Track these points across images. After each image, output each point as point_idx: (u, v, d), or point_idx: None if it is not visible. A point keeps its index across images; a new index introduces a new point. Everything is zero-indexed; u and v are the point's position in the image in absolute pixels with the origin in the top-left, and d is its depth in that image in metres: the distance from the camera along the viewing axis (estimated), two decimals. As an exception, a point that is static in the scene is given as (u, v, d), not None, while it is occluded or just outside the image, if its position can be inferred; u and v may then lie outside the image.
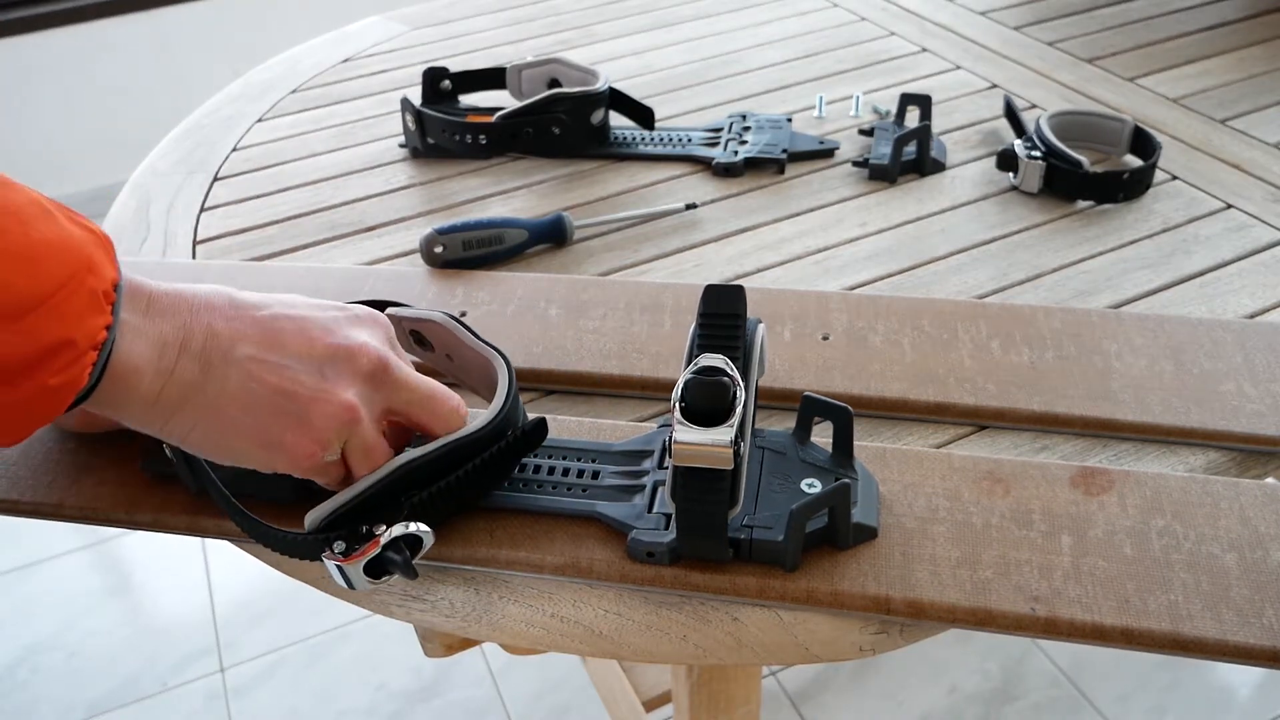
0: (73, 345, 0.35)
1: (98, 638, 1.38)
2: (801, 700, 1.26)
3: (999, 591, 0.42)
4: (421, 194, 0.76)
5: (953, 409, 0.53)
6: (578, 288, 0.62)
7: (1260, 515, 0.45)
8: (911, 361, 0.55)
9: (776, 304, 0.60)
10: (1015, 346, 0.56)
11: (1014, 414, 0.52)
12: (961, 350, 0.56)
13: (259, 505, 0.45)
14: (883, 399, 0.53)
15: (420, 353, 0.52)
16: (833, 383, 0.54)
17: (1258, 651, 0.39)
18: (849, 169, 0.76)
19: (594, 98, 0.77)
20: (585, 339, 0.57)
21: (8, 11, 2.01)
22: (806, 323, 0.58)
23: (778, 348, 0.56)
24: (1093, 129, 0.76)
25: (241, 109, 0.90)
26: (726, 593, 0.43)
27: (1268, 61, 0.91)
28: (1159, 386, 0.53)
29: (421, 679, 1.31)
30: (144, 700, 1.30)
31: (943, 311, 0.59)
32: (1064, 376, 0.54)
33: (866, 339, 0.57)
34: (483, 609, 0.45)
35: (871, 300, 0.60)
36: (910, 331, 0.57)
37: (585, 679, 1.29)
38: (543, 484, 0.48)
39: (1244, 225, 0.69)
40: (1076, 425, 0.52)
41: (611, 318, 0.59)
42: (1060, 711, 1.25)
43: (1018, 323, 0.58)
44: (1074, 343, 0.56)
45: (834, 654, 0.44)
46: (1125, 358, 0.55)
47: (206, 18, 2.16)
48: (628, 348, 0.57)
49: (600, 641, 0.44)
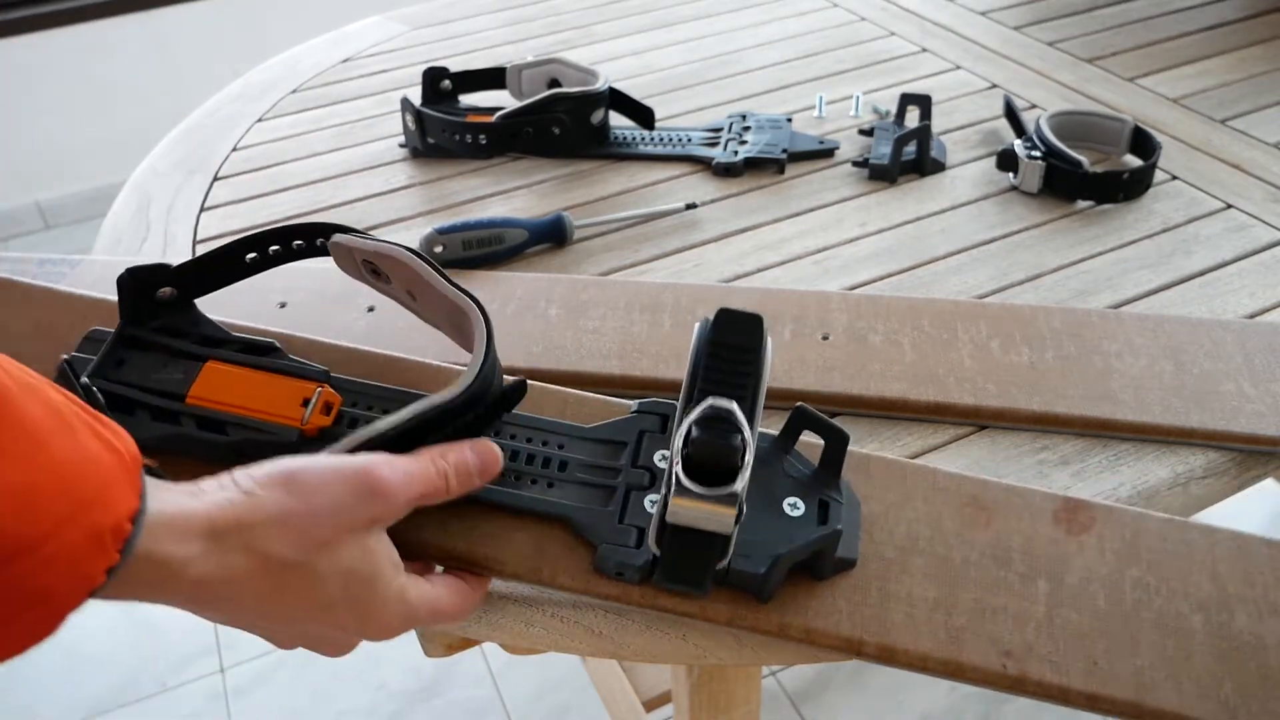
0: (49, 600, 0.31)
1: (98, 638, 1.38)
2: (801, 700, 1.26)
3: (972, 643, 0.41)
4: (421, 194, 0.76)
5: (953, 409, 0.53)
6: (577, 287, 0.62)
7: (1230, 572, 0.44)
8: (911, 361, 0.55)
9: (777, 303, 0.60)
10: (1015, 346, 0.56)
11: (1014, 414, 0.52)
12: (961, 350, 0.56)
13: None
14: (883, 399, 0.53)
15: (374, 282, 0.49)
16: (832, 382, 0.54)
17: None
18: (849, 169, 0.77)
19: (594, 98, 0.77)
20: (585, 339, 0.57)
21: (8, 11, 2.01)
22: (806, 322, 0.58)
23: (778, 348, 0.56)
24: (1093, 129, 0.76)
25: (241, 109, 0.90)
26: (695, 618, 0.42)
27: (1268, 61, 0.91)
28: (1159, 386, 0.53)
29: (421, 679, 1.31)
30: (144, 700, 1.30)
31: (943, 311, 0.59)
32: (1064, 376, 0.54)
33: (867, 339, 0.57)
34: (483, 609, 0.45)
35: (872, 300, 0.60)
36: (910, 331, 0.57)
37: (585, 679, 1.29)
38: (506, 471, 0.44)
39: (1244, 225, 0.69)
40: (1076, 425, 0.52)
41: (611, 318, 0.59)
42: (1060, 711, 1.25)
43: (1018, 323, 0.58)
44: (1074, 343, 0.56)
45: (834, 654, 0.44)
46: (1125, 358, 0.55)
47: (206, 18, 2.16)
48: (628, 348, 0.57)
49: (600, 641, 0.44)
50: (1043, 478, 0.50)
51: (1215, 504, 0.51)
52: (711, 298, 0.60)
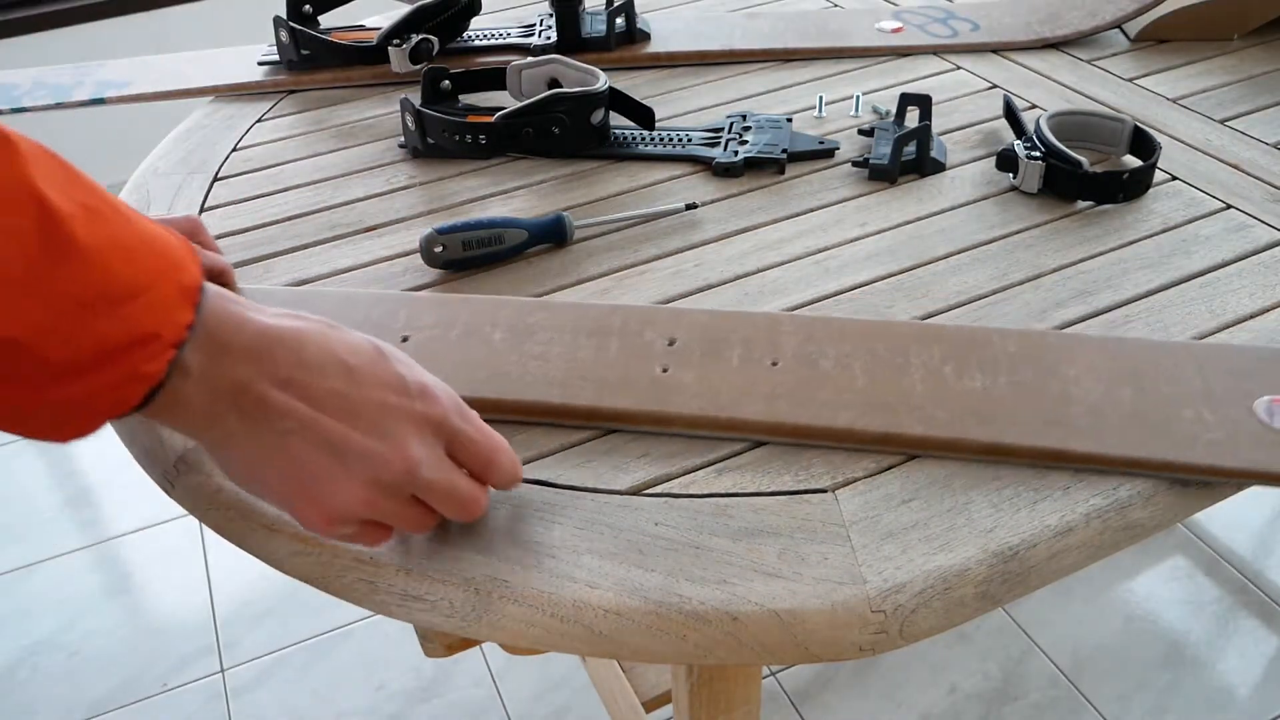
0: (158, 338, 0.36)
1: (98, 638, 1.38)
2: (801, 700, 1.26)
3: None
4: (421, 194, 0.76)
5: (900, 439, 0.51)
6: (525, 310, 0.60)
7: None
8: (862, 388, 0.53)
9: (725, 326, 0.57)
10: (969, 371, 0.54)
11: (963, 444, 0.50)
12: (914, 375, 0.54)
13: None
14: (830, 429, 0.51)
15: None
16: (779, 411, 0.52)
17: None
18: (849, 169, 0.77)
19: (594, 98, 0.77)
20: (530, 365, 0.55)
21: (8, 11, 2.01)
22: (755, 347, 0.56)
23: (724, 373, 0.54)
24: (1092, 129, 0.77)
25: (241, 109, 0.90)
26: None
27: (1268, 61, 0.91)
28: (1116, 414, 0.51)
29: (421, 679, 1.31)
30: (144, 700, 1.30)
31: (898, 334, 0.57)
32: (1018, 403, 0.52)
33: (818, 364, 0.55)
34: (483, 609, 0.45)
35: (825, 322, 0.58)
36: (864, 355, 0.55)
37: (585, 679, 1.30)
38: None
39: (1244, 225, 0.69)
40: (1027, 455, 0.50)
41: (557, 342, 0.57)
42: (1060, 711, 1.25)
43: (973, 346, 0.56)
44: (1030, 366, 0.54)
45: (834, 654, 0.44)
46: (1083, 383, 0.53)
47: (206, 18, 2.16)
48: (572, 374, 0.55)
49: (600, 641, 0.44)
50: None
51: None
52: (660, 320, 0.58)
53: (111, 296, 0.35)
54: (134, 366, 0.36)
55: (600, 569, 0.45)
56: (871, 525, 0.47)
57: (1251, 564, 1.42)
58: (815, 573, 0.45)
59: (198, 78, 0.92)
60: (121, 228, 0.36)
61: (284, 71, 0.93)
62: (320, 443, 0.40)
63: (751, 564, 0.45)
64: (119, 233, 0.36)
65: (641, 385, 0.54)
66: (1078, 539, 0.47)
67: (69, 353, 0.34)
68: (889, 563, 0.45)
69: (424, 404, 0.42)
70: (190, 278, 0.38)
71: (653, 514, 0.48)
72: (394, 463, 0.41)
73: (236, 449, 0.41)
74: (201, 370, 0.38)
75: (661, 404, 0.53)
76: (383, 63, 0.90)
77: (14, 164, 0.34)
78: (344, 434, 0.40)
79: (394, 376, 0.42)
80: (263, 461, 0.41)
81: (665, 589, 0.44)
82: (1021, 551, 0.46)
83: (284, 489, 0.41)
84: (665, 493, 0.50)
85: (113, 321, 0.35)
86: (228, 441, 0.40)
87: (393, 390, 0.42)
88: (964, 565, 0.46)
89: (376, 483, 0.41)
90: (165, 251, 0.37)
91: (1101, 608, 1.37)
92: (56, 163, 0.36)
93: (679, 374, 0.54)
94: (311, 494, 0.41)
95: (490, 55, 0.93)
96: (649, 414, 0.52)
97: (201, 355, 0.38)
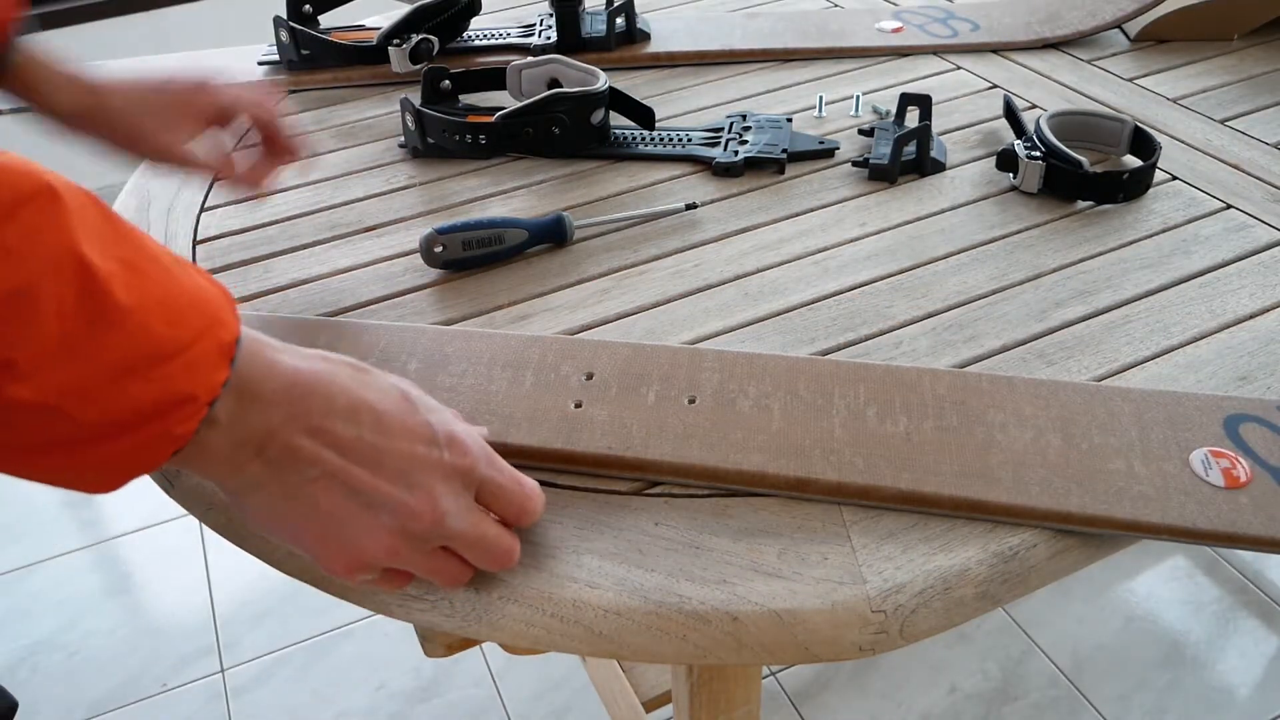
0: (194, 399, 0.36)
1: (98, 638, 1.38)
2: (801, 700, 1.26)
3: None
4: (421, 194, 0.76)
5: (813, 485, 0.48)
6: (443, 339, 0.58)
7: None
8: (778, 430, 0.51)
9: (645, 361, 0.55)
10: (893, 414, 0.52)
11: (879, 492, 0.48)
12: (834, 418, 0.51)
13: None
14: (740, 472, 0.49)
15: None
16: (689, 453, 0.50)
17: None
18: (849, 169, 0.77)
19: (594, 97, 0.77)
20: (439, 397, 0.52)
21: (8, 11, 2.01)
22: (674, 383, 0.54)
23: (639, 411, 0.52)
24: (1092, 129, 0.77)
25: (241, 109, 0.90)
26: None
27: (1267, 62, 0.91)
28: (1041, 464, 0.49)
29: (421, 679, 1.31)
30: (144, 700, 1.30)
31: (822, 373, 0.54)
32: (940, 450, 0.50)
33: (735, 403, 0.53)
34: (483, 609, 0.45)
35: (748, 359, 0.55)
36: (783, 395, 0.53)
37: (585, 679, 1.30)
38: None
39: (1244, 225, 0.69)
40: (945, 506, 0.48)
41: (471, 374, 0.55)
42: (1060, 711, 1.25)
43: (900, 387, 0.53)
44: (957, 411, 0.52)
45: (834, 654, 0.44)
46: (1010, 429, 0.51)
47: (206, 18, 2.16)
48: (480, 408, 0.53)
49: (600, 641, 0.44)
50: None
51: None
52: (581, 354, 0.56)
53: (150, 358, 0.34)
54: (167, 428, 0.35)
55: (600, 569, 0.45)
56: (872, 525, 0.47)
57: (1251, 564, 1.42)
58: (815, 573, 0.45)
59: (198, 78, 0.92)
60: (161, 283, 0.36)
61: (284, 71, 0.93)
62: (348, 491, 0.40)
63: (751, 564, 0.45)
64: (159, 290, 0.35)
65: (551, 421, 0.52)
66: (1076, 541, 0.47)
67: (104, 416, 0.34)
68: (889, 563, 0.46)
69: (453, 454, 0.42)
70: (229, 333, 0.37)
71: (653, 514, 0.48)
72: (422, 514, 0.41)
73: (259, 495, 0.40)
74: (229, 419, 0.37)
75: (568, 442, 0.50)
76: (383, 63, 0.90)
77: (60, 227, 0.33)
78: (372, 483, 0.40)
79: (423, 426, 0.42)
80: (286, 508, 0.40)
81: (665, 589, 0.44)
82: (1021, 551, 0.46)
83: (308, 535, 0.41)
84: (665, 493, 0.50)
85: (149, 384, 0.34)
86: (250, 488, 0.40)
87: (421, 441, 0.41)
88: (964, 565, 0.46)
89: (403, 532, 0.41)
90: (204, 307, 0.37)
91: (1101, 608, 1.37)
92: (100, 213, 0.35)
93: (591, 410, 0.52)
94: (337, 541, 0.41)
95: (490, 55, 0.93)
96: (554, 452, 0.50)
97: (231, 403, 0.37)
